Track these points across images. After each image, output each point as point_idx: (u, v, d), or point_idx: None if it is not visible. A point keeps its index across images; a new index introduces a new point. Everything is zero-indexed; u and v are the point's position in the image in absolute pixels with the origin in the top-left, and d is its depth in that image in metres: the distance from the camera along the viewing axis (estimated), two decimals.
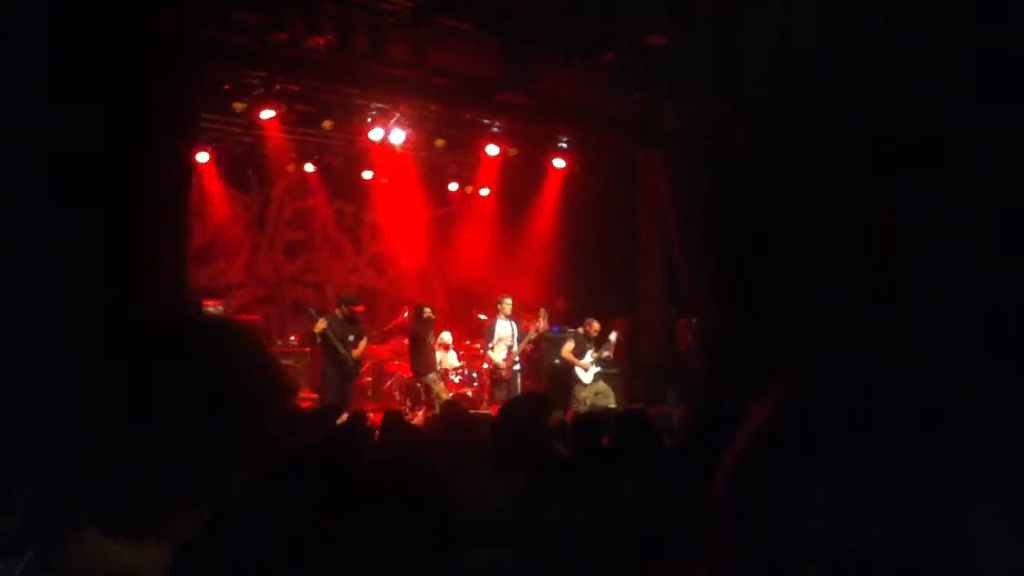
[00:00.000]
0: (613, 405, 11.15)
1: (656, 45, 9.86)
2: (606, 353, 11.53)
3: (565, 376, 11.72)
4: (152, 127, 7.44)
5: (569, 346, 11.63)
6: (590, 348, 11.54)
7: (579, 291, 13.66)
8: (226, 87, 10.80)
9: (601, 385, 11.48)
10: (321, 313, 11.12)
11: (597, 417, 6.18)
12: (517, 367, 11.95)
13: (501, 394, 11.59)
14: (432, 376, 11.32)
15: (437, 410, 10.62)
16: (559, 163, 14.06)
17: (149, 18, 7.31)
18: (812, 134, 8.99)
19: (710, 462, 1.06)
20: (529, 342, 12.05)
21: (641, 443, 4.02)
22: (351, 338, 10.92)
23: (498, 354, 11.77)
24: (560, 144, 13.65)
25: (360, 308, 11.30)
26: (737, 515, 0.94)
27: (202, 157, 12.20)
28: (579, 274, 13.80)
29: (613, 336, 11.57)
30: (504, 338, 11.80)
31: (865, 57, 8.40)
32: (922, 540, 0.84)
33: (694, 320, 11.87)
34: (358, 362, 10.98)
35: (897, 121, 8.47)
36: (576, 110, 11.85)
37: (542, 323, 12.10)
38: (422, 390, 11.45)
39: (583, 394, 11.35)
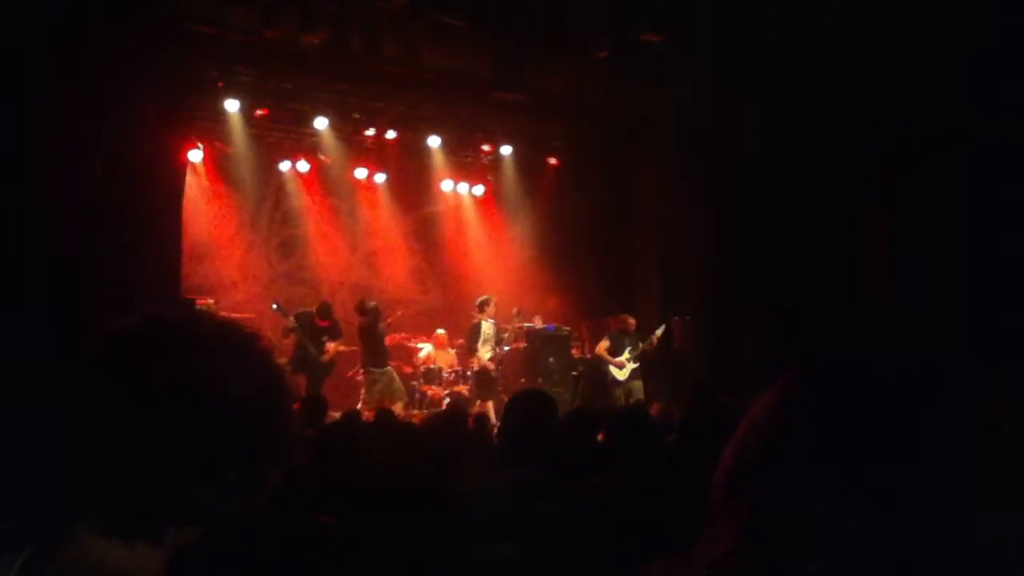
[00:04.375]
0: (641, 397, 11.11)
1: (651, 42, 9.86)
2: (649, 343, 11.37)
3: (596, 378, 11.67)
4: (145, 125, 7.43)
5: (604, 344, 11.52)
6: (628, 345, 11.42)
7: (574, 289, 13.65)
8: (220, 84, 10.78)
9: (636, 383, 11.34)
10: (294, 312, 11.18)
11: (593, 414, 6.17)
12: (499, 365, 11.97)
13: (487, 393, 11.60)
14: (377, 372, 11.21)
15: (369, 408, 10.48)
16: (553, 161, 14.05)
17: (142, 14, 7.29)
18: (809, 130, 9.00)
19: (707, 459, 1.06)
20: (503, 342, 12.06)
21: (637, 440, 4.01)
22: (324, 338, 10.94)
23: (486, 353, 11.74)
24: (554, 141, 13.65)
25: (324, 323, 11.25)
26: (735, 510, 0.94)
27: (195, 155, 12.16)
28: (573, 272, 13.79)
29: (660, 330, 11.43)
30: (489, 338, 11.80)
31: (864, 52, 8.41)
32: (922, 532, 0.84)
33: (688, 317, 11.87)
34: (329, 363, 10.98)
35: (896, 116, 8.48)
36: (570, 107, 11.85)
37: (515, 322, 12.06)
38: (365, 383, 11.32)
39: (616, 392, 11.25)
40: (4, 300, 5.76)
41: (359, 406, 10.77)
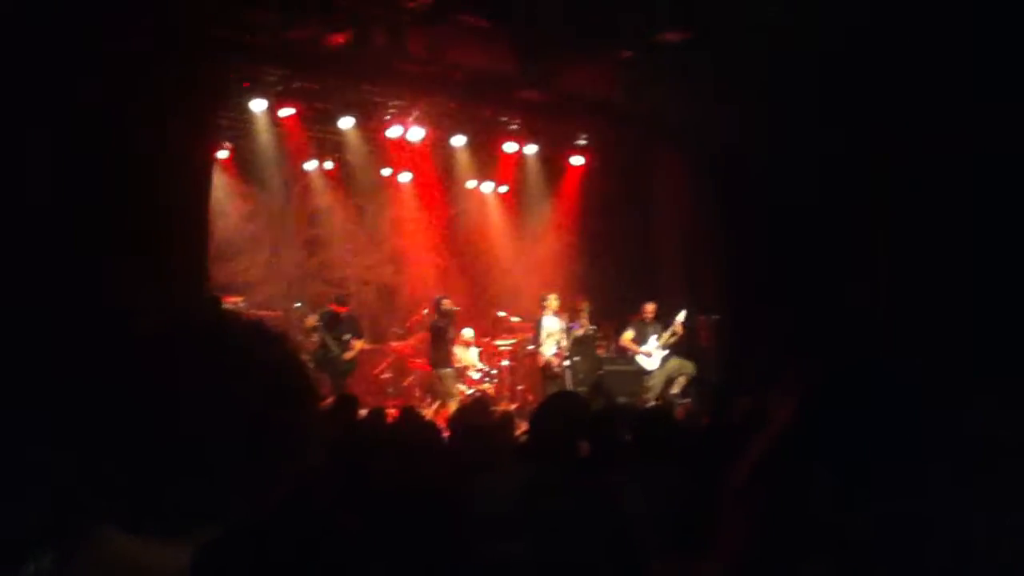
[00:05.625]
0: (692, 372, 11.09)
1: (673, 42, 9.83)
2: (672, 335, 11.26)
3: (624, 376, 11.60)
4: (172, 125, 7.49)
5: (628, 335, 11.48)
6: (653, 333, 11.34)
7: (597, 288, 13.62)
8: (245, 84, 10.85)
9: (673, 363, 11.24)
10: (318, 311, 11.23)
11: (618, 413, 6.17)
12: (567, 363, 11.59)
13: (553, 390, 11.39)
14: (448, 371, 11.30)
15: (448, 407, 10.59)
16: (577, 160, 14.03)
17: (167, 15, 7.35)
18: (826, 129, 8.96)
19: (724, 460, 1.06)
20: (579, 338, 11.77)
21: (663, 440, 4.01)
22: (346, 336, 10.98)
23: (548, 349, 11.51)
24: (578, 141, 13.64)
25: (344, 309, 11.35)
26: (748, 511, 0.95)
27: (222, 154, 12.26)
28: (597, 271, 13.77)
29: (681, 315, 11.30)
30: (553, 333, 11.56)
31: (880, 54, 8.36)
32: (925, 533, 0.84)
33: (714, 317, 11.82)
34: (350, 362, 11.03)
35: (908, 117, 8.43)
36: (594, 106, 11.83)
37: (585, 318, 11.76)
38: (436, 384, 11.41)
39: (651, 383, 11.17)
40: (32, 298, 5.83)
41: (436, 405, 10.99)
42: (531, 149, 13.70)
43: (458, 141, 13.17)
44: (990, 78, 7.24)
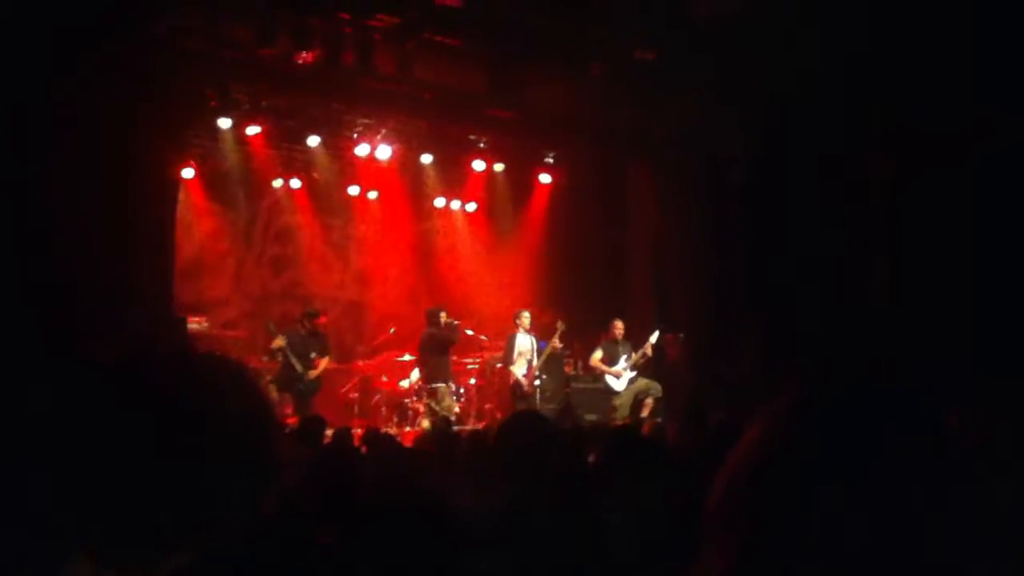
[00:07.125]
0: (659, 393, 10.99)
1: (644, 59, 9.89)
2: (642, 356, 11.14)
3: (592, 394, 11.54)
4: (138, 141, 7.42)
5: (597, 355, 11.34)
6: (623, 354, 11.25)
7: (567, 306, 13.64)
8: (213, 103, 10.79)
9: (641, 383, 11.12)
10: (283, 328, 11.12)
11: (585, 432, 6.18)
12: (538, 382, 11.54)
13: (522, 409, 11.26)
14: (444, 387, 11.12)
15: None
16: (546, 178, 14.08)
17: (137, 30, 7.30)
18: (805, 142, 9.03)
19: (703, 476, 1.06)
20: (549, 356, 11.67)
21: (630, 458, 4.01)
22: (312, 354, 10.88)
23: (519, 368, 11.39)
24: (547, 159, 13.69)
25: (322, 320, 11.29)
26: (732, 529, 0.94)
27: (187, 173, 12.16)
28: (567, 288, 13.78)
29: (654, 337, 11.18)
30: (524, 352, 11.45)
31: (859, 62, 8.44)
32: (918, 553, 0.84)
33: (682, 335, 11.85)
34: (316, 380, 10.94)
35: (893, 126, 8.51)
36: (564, 124, 11.89)
37: (557, 339, 11.59)
38: (427, 400, 11.21)
39: (618, 402, 11.06)
40: None
41: (425, 422, 10.74)
42: (500, 166, 13.73)
43: (426, 159, 13.18)
44: (990, 78, 7.33)
